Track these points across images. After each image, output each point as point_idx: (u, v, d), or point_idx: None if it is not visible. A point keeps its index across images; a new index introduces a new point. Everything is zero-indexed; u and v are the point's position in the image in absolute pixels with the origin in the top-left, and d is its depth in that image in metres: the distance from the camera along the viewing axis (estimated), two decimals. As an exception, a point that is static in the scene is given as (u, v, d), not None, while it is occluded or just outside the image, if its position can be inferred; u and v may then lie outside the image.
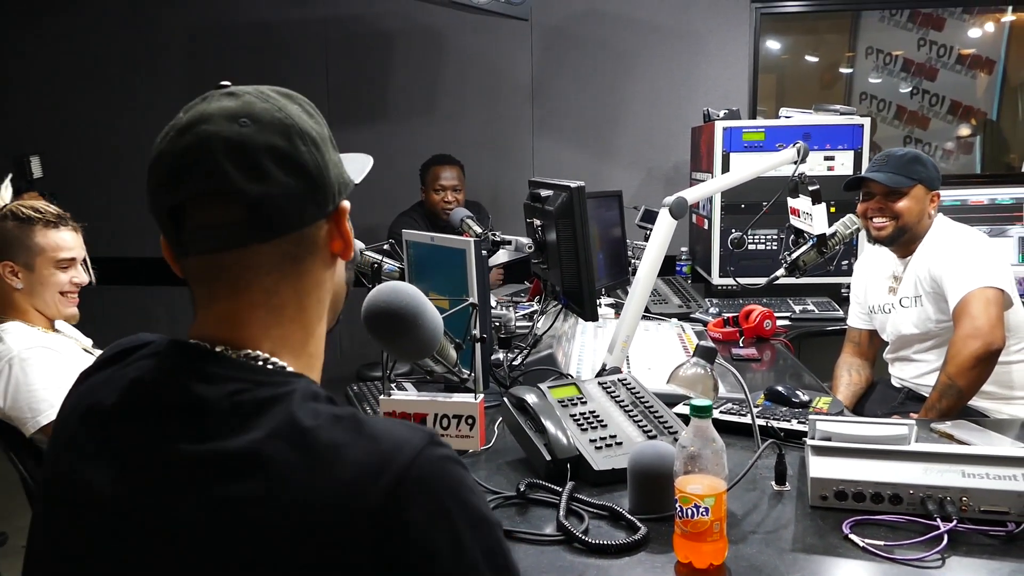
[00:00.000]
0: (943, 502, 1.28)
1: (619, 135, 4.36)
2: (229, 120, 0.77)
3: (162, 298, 4.23)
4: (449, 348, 1.38)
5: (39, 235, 1.97)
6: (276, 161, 0.77)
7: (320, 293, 0.85)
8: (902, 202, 2.38)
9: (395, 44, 4.41)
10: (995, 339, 2.13)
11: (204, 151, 0.75)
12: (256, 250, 0.78)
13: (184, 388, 0.75)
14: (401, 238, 2.02)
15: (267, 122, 0.78)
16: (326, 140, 0.83)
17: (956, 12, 4.25)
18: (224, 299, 0.80)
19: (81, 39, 4.54)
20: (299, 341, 0.83)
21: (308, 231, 0.81)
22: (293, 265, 0.81)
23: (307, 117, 0.82)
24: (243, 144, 0.76)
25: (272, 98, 0.81)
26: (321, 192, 0.80)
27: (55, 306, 2.01)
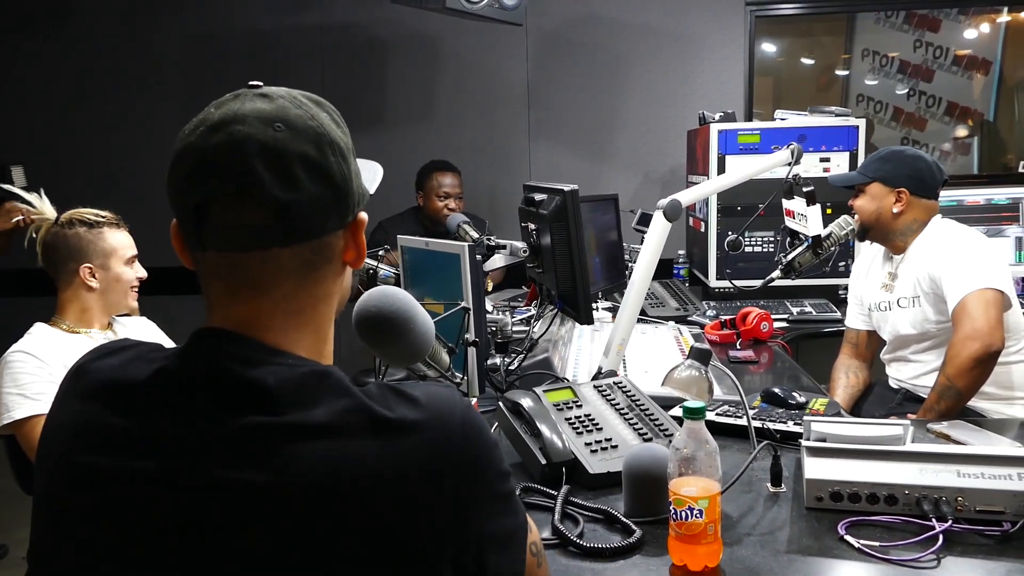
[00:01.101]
0: (938, 502, 1.28)
1: (615, 139, 4.36)
2: (264, 123, 0.78)
3: (159, 310, 4.23)
4: (442, 352, 1.38)
5: (110, 236, 2.13)
6: (307, 169, 0.78)
7: (331, 299, 0.87)
8: (857, 200, 2.47)
9: (390, 51, 4.42)
10: (994, 341, 2.13)
11: (238, 152, 0.77)
12: (277, 254, 0.80)
13: (231, 367, 0.77)
14: (388, 237, 2.02)
15: (300, 129, 0.79)
16: (350, 150, 0.85)
17: (952, 13, 4.26)
18: (243, 300, 0.81)
19: (74, 49, 4.53)
20: (312, 344, 0.84)
21: (328, 239, 0.82)
22: (310, 272, 0.82)
23: (335, 127, 0.83)
24: (277, 149, 0.77)
25: (305, 104, 0.82)
26: (344, 203, 0.82)
27: (127, 300, 2.17)
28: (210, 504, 0.72)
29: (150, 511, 0.74)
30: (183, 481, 0.73)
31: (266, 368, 0.77)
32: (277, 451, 0.72)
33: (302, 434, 0.73)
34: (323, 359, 0.86)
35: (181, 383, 0.78)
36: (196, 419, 0.75)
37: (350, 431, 0.74)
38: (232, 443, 0.73)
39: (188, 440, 0.75)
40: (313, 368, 0.79)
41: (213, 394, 0.76)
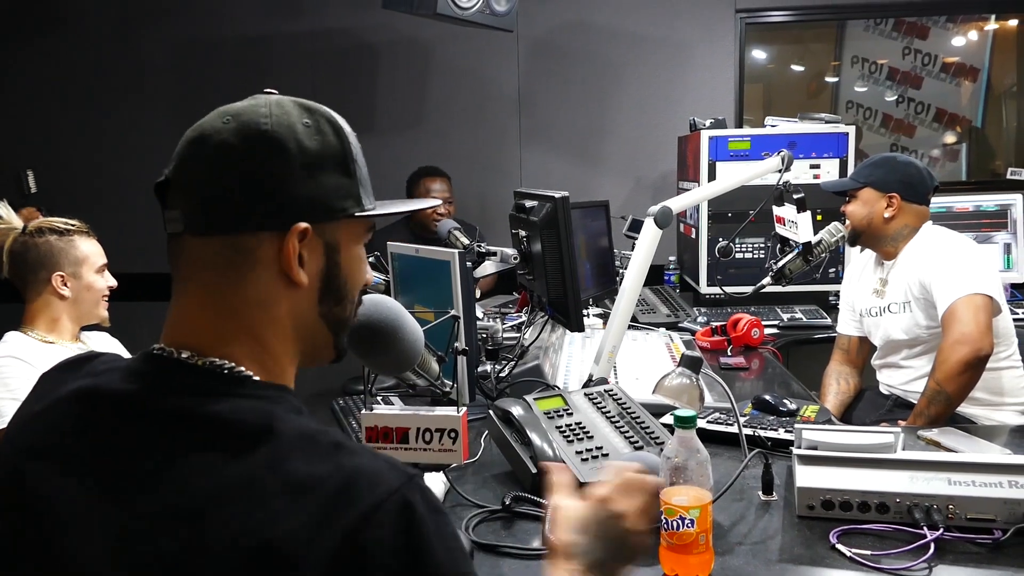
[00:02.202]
0: (930, 510, 1.28)
1: (606, 145, 4.36)
2: (221, 116, 0.80)
3: (149, 314, 4.21)
4: (431, 361, 1.37)
5: (81, 245, 2.11)
6: (229, 161, 0.78)
7: (273, 312, 0.81)
8: (850, 205, 2.49)
9: (381, 57, 4.41)
10: (984, 345, 2.13)
11: (189, 139, 0.80)
12: (193, 243, 0.79)
13: (166, 402, 0.75)
14: (377, 244, 2.00)
15: (242, 123, 0.79)
16: (323, 159, 0.81)
17: (940, 21, 4.29)
18: (177, 292, 0.82)
19: (64, 56, 4.51)
20: (257, 353, 0.80)
21: (243, 238, 0.78)
22: (230, 269, 0.79)
23: (310, 133, 0.81)
24: (210, 138, 0.78)
25: (279, 107, 0.81)
26: (269, 204, 0.78)
27: (98, 310, 2.16)
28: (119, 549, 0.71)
29: (65, 544, 0.73)
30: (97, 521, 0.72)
31: (187, 398, 0.75)
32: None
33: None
34: (274, 375, 0.82)
35: (106, 419, 0.76)
36: (116, 457, 0.74)
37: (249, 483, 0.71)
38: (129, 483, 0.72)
39: (107, 476, 0.73)
40: (249, 395, 0.77)
41: (131, 431, 0.75)
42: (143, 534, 0.70)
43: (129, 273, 4.03)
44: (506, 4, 3.48)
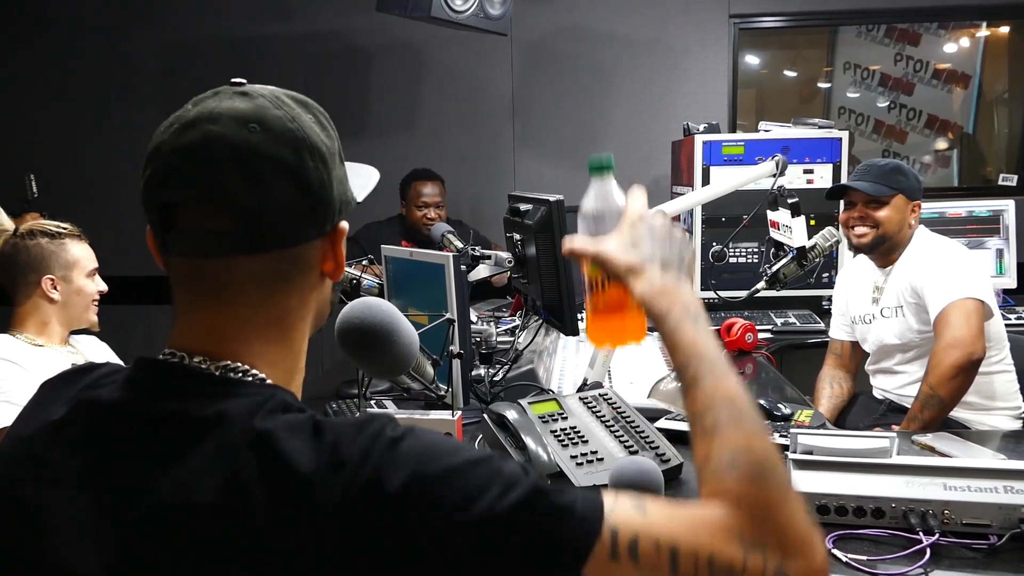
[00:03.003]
0: (925, 516, 1.28)
1: (600, 149, 4.30)
2: (238, 123, 0.73)
3: (142, 316, 4.19)
4: (426, 365, 1.37)
5: (72, 248, 2.09)
6: (280, 174, 0.73)
7: (304, 311, 0.82)
8: (883, 211, 2.39)
9: (374, 60, 4.41)
10: (976, 349, 2.14)
11: (207, 152, 0.72)
12: (243, 263, 0.75)
13: (151, 407, 0.73)
14: (370, 244, 2.00)
15: (277, 132, 0.74)
16: (335, 155, 0.79)
17: (932, 27, 4.30)
18: (207, 309, 0.77)
19: (54, 57, 4.49)
20: (280, 357, 0.80)
21: (301, 249, 0.77)
22: (281, 282, 0.77)
23: (319, 130, 0.78)
24: (249, 152, 0.72)
25: (286, 105, 0.77)
26: (321, 211, 0.77)
27: (88, 314, 2.13)
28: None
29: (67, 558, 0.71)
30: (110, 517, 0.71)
31: (191, 401, 0.73)
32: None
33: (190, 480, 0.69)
34: (291, 373, 0.81)
35: (109, 427, 0.75)
36: (120, 467, 0.72)
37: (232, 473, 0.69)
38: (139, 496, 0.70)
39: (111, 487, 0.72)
40: (249, 394, 0.74)
41: (132, 440, 0.73)
42: (137, 540, 0.68)
43: (120, 276, 4.04)
44: (500, 8, 3.48)
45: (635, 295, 0.87)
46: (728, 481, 0.73)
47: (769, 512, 0.71)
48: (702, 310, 0.86)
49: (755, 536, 0.70)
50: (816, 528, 0.73)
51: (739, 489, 0.72)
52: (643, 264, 0.88)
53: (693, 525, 0.70)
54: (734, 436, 0.75)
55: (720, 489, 0.73)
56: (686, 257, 0.91)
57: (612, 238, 0.91)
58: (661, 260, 0.89)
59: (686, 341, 0.83)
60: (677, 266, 0.89)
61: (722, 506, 0.72)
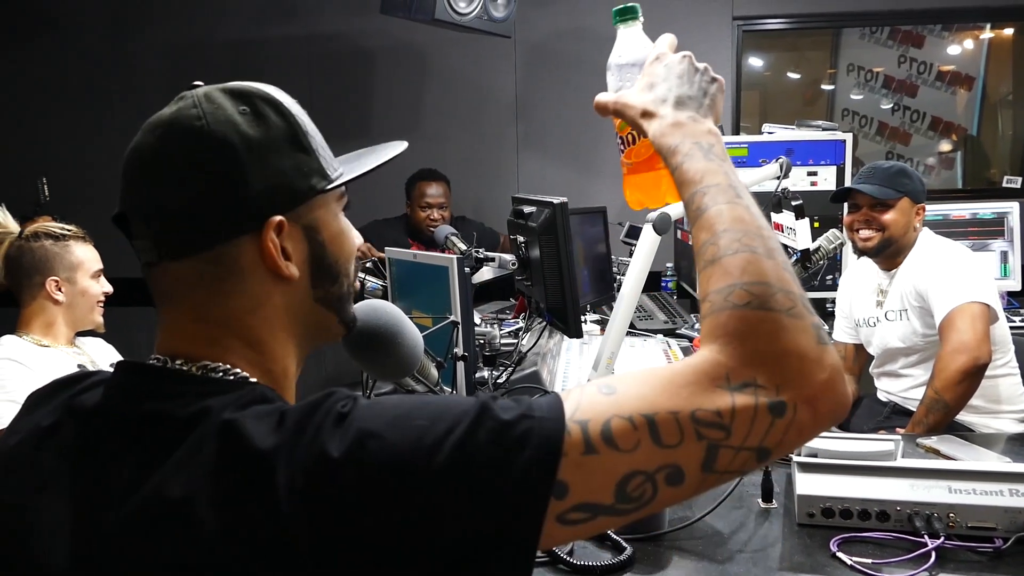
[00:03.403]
0: (930, 518, 1.27)
1: (603, 151, 4.36)
2: (149, 130, 0.74)
3: (141, 319, 4.20)
4: (430, 367, 1.37)
5: (76, 250, 2.11)
6: (178, 177, 0.72)
7: (266, 312, 0.77)
8: (888, 214, 2.39)
9: (378, 62, 4.41)
10: (982, 354, 2.13)
11: (130, 163, 0.75)
12: (172, 268, 0.74)
13: (132, 409, 0.73)
14: (376, 240, 1.99)
15: (180, 131, 0.73)
16: (269, 147, 0.74)
17: (936, 29, 4.30)
18: (169, 313, 0.77)
19: (57, 59, 4.50)
20: (253, 357, 0.77)
21: (223, 250, 0.73)
22: (217, 284, 0.74)
23: (248, 120, 0.74)
24: (152, 157, 0.73)
25: (209, 101, 0.74)
26: (239, 208, 0.73)
27: (92, 316, 2.14)
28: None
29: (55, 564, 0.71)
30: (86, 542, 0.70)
31: (169, 401, 0.71)
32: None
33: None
34: (275, 376, 0.79)
35: (91, 432, 0.74)
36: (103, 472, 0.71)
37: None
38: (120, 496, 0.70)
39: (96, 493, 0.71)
40: (226, 392, 0.73)
41: (111, 443, 0.72)
42: (118, 542, 0.68)
43: (124, 278, 4.05)
44: (504, 10, 3.49)
45: (648, 138, 0.81)
46: (721, 316, 0.66)
47: (759, 339, 0.64)
48: (719, 142, 0.79)
49: (743, 373, 0.63)
50: (825, 345, 0.65)
51: (730, 322, 0.65)
52: (656, 104, 0.83)
53: (670, 386, 0.64)
54: (732, 263, 0.68)
55: (713, 327, 0.66)
56: (709, 92, 0.84)
57: (633, 86, 0.86)
58: (676, 98, 0.83)
59: (693, 172, 0.76)
60: (697, 102, 0.83)
61: (710, 349, 0.65)
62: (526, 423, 0.63)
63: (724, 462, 0.64)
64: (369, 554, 0.62)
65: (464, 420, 0.63)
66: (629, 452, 0.63)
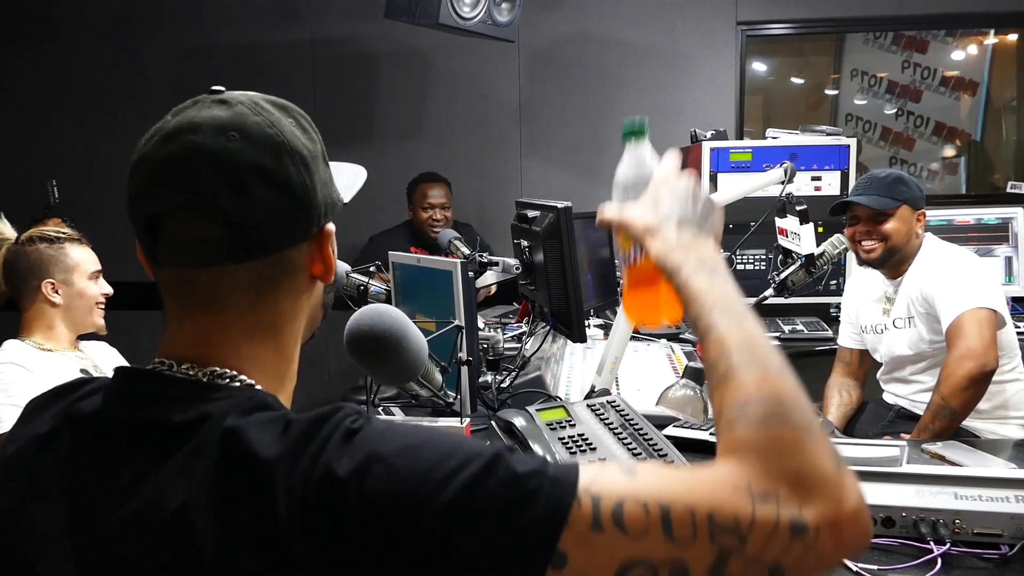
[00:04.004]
0: (936, 525, 1.27)
1: (607, 156, 4.35)
2: (217, 132, 0.73)
3: (146, 323, 4.19)
4: (434, 371, 1.36)
5: (71, 252, 2.10)
6: (261, 180, 0.73)
7: (295, 315, 0.81)
8: (889, 224, 2.38)
9: (382, 66, 4.42)
10: (989, 360, 2.12)
11: (188, 163, 0.72)
12: (231, 270, 0.74)
13: (131, 415, 0.73)
14: (379, 252, 2.00)
15: (256, 137, 0.74)
16: (317, 158, 0.79)
17: (939, 35, 4.30)
18: (195, 317, 0.76)
19: (61, 63, 4.50)
20: (270, 361, 0.79)
21: (288, 253, 0.77)
22: (269, 287, 0.77)
23: (300, 133, 0.78)
24: (229, 160, 0.72)
25: (265, 111, 0.77)
26: (305, 214, 0.76)
27: (91, 317, 2.13)
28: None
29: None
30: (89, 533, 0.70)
31: (169, 408, 0.72)
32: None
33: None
34: (282, 379, 0.80)
35: (90, 439, 0.74)
36: (103, 478, 0.71)
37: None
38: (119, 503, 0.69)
39: (95, 500, 0.71)
40: (230, 397, 0.73)
41: (115, 450, 0.72)
42: (116, 549, 0.68)
43: (126, 282, 4.05)
44: (508, 15, 3.49)
45: (652, 256, 0.83)
46: (739, 430, 0.66)
47: (782, 455, 0.63)
48: (721, 263, 0.81)
49: (766, 484, 0.62)
50: (846, 470, 0.64)
51: (749, 435, 0.65)
52: (659, 223, 0.85)
53: (691, 483, 0.63)
54: (747, 379, 0.69)
55: (731, 442, 0.66)
56: (710, 216, 0.87)
57: (636, 203, 0.89)
58: (679, 218, 0.85)
59: (698, 290, 0.78)
60: (698, 224, 0.85)
61: (730, 461, 0.65)
62: (538, 480, 0.62)
63: (734, 570, 0.62)
64: (361, 574, 0.62)
65: (476, 462, 0.63)
66: (637, 538, 0.62)
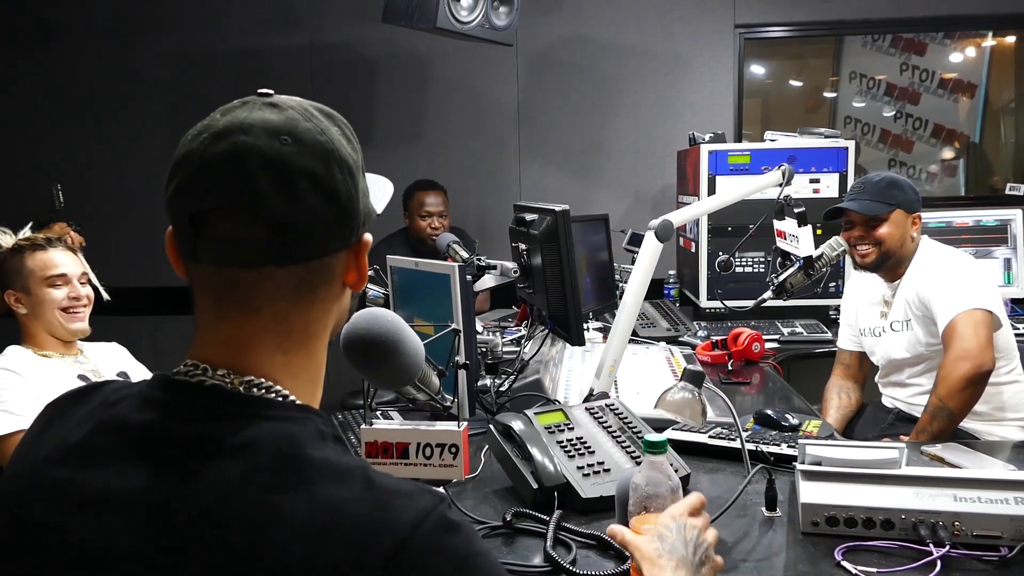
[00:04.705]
0: (935, 527, 1.26)
1: (605, 159, 4.36)
2: (270, 135, 0.74)
3: (147, 328, 4.19)
4: (431, 375, 1.36)
5: (28, 259, 2.07)
6: (311, 186, 0.74)
7: (327, 321, 0.82)
8: (883, 228, 2.39)
9: (380, 71, 4.42)
10: (985, 361, 2.12)
11: (241, 163, 0.72)
12: (274, 273, 0.75)
13: (188, 429, 0.72)
14: (377, 259, 1.99)
15: (308, 144, 0.75)
16: (359, 168, 0.80)
17: (938, 37, 4.30)
18: (232, 319, 0.76)
19: (61, 67, 4.51)
20: (302, 368, 0.80)
21: (328, 261, 0.78)
22: (307, 293, 0.78)
23: (346, 142, 0.79)
24: (281, 164, 0.73)
25: (315, 117, 0.78)
26: (348, 223, 0.78)
27: (59, 323, 2.08)
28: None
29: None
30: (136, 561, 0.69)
31: (218, 424, 0.72)
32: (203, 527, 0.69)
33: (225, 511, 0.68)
34: (314, 385, 0.82)
35: (136, 451, 0.73)
36: (153, 491, 0.70)
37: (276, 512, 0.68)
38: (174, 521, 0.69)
39: (149, 514, 0.70)
40: (278, 417, 0.74)
41: (165, 463, 0.71)
42: (168, 568, 0.67)
43: (126, 288, 4.05)
44: (506, 18, 3.49)
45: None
46: None
47: None
48: None
49: None
50: None
51: None
52: (660, 557, 1.03)
53: None
54: None
55: None
56: (704, 568, 1.04)
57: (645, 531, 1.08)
58: (680, 558, 1.03)
59: None
60: (694, 569, 1.03)
61: None
62: None
63: None
64: None
65: None
66: None
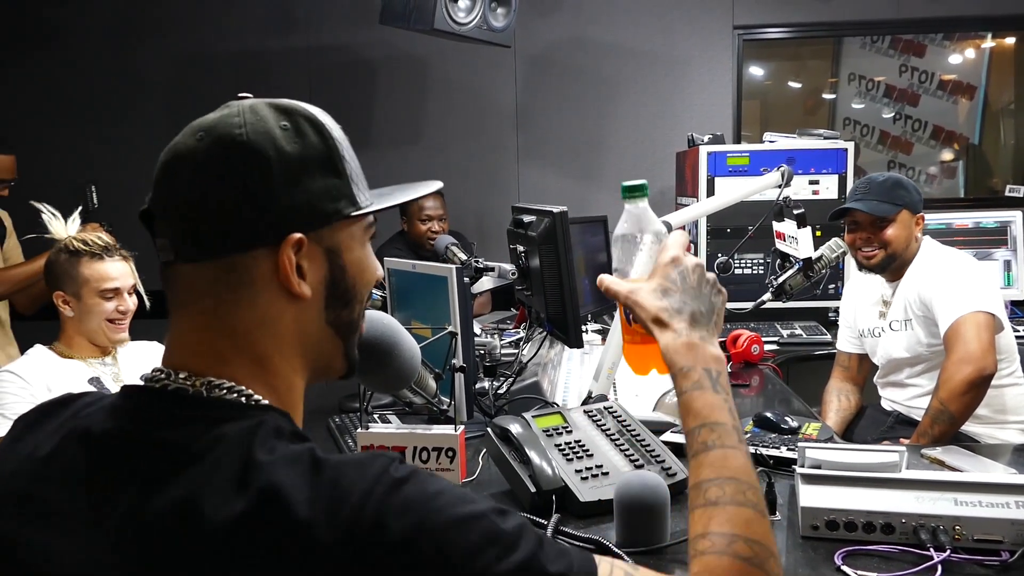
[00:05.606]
0: (936, 531, 1.25)
1: (604, 160, 4.36)
2: (192, 132, 0.75)
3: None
4: (428, 378, 1.35)
5: (84, 267, 2.08)
6: (208, 180, 0.73)
7: (277, 328, 0.77)
8: (890, 230, 2.37)
9: (378, 72, 4.42)
10: (987, 364, 2.11)
11: (166, 163, 0.76)
12: (186, 270, 0.75)
13: (145, 435, 0.72)
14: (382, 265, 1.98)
15: (218, 137, 0.74)
16: (304, 164, 0.76)
17: (937, 38, 4.30)
18: (178, 318, 0.78)
19: (60, 69, 4.51)
20: (258, 373, 0.77)
21: (240, 259, 0.74)
22: (229, 293, 0.75)
23: (288, 136, 0.75)
24: (191, 159, 0.74)
25: (255, 113, 0.76)
26: (258, 220, 0.73)
27: (103, 333, 2.10)
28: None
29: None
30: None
31: (177, 429, 0.72)
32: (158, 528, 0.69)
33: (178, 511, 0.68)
34: (278, 392, 0.78)
35: (95, 461, 0.73)
36: (111, 501, 0.70)
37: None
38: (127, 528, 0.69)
39: (107, 525, 0.70)
40: (235, 418, 0.73)
41: (120, 472, 0.71)
42: (133, 571, 0.67)
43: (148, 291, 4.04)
44: (504, 19, 3.49)
45: (660, 348, 0.88)
46: (724, 560, 0.75)
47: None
48: (724, 371, 0.86)
49: None
50: None
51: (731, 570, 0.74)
52: (670, 315, 0.88)
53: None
54: (736, 515, 0.77)
55: (713, 567, 0.75)
56: (716, 307, 0.91)
57: (643, 283, 0.92)
58: (691, 313, 0.88)
59: (701, 405, 0.83)
60: (707, 319, 0.89)
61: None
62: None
63: None
64: None
65: (514, 556, 0.67)
66: None
